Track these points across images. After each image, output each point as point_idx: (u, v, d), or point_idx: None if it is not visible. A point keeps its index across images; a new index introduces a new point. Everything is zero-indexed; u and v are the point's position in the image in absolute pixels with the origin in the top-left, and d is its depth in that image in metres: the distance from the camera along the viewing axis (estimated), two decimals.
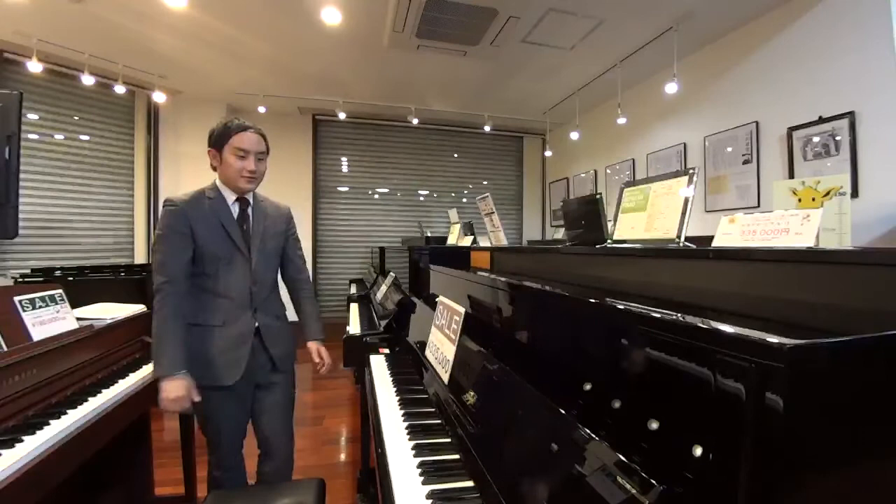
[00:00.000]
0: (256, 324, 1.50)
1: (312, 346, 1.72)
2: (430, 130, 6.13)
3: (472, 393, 1.16)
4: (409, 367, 1.72)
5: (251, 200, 1.56)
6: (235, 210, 1.51)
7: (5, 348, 1.22)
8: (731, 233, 1.06)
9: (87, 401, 1.31)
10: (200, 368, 1.40)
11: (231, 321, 1.46)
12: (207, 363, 1.42)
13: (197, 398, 1.38)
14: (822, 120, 2.84)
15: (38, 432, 1.10)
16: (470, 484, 0.92)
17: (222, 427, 1.48)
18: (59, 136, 4.17)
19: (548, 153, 6.09)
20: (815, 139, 2.89)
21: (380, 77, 4.51)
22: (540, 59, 4.05)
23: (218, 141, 1.46)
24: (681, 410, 0.61)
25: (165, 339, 1.36)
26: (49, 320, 1.41)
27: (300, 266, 1.74)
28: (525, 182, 6.69)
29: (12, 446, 1.02)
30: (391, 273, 2.85)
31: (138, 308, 1.89)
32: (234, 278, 1.48)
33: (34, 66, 3.57)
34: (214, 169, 1.52)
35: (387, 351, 2.04)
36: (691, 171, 1.22)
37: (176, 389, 1.33)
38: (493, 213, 2.60)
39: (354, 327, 2.64)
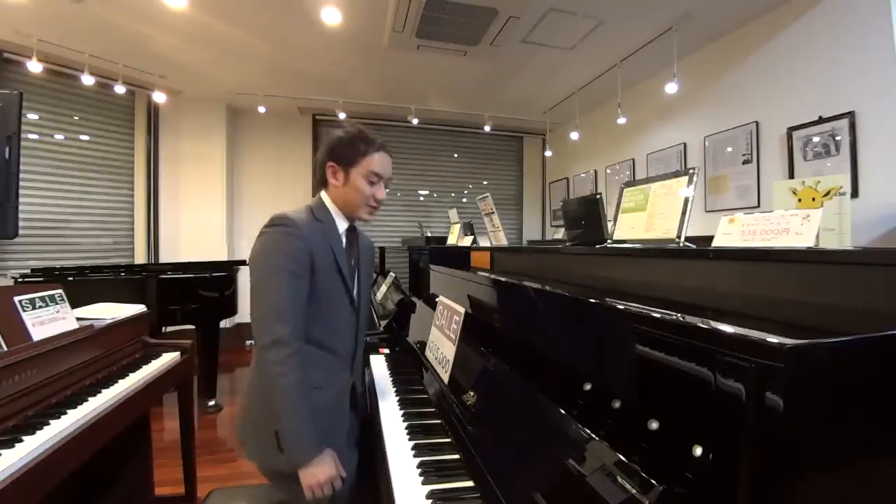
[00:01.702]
0: (352, 387, 1.25)
1: None
2: (430, 130, 6.13)
3: (472, 393, 1.16)
4: (409, 367, 1.72)
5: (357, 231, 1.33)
6: (344, 241, 1.25)
7: (5, 348, 1.22)
8: (731, 233, 1.06)
9: (87, 401, 1.31)
10: None
11: (329, 383, 1.18)
12: None
13: (343, 472, 1.11)
14: (822, 120, 2.84)
15: (38, 432, 1.10)
16: (470, 484, 0.92)
17: None
18: (59, 136, 4.17)
19: (548, 153, 6.09)
20: (815, 139, 2.89)
21: (380, 77, 4.51)
22: (540, 59, 4.05)
23: (347, 157, 1.21)
24: (681, 410, 0.61)
25: (301, 418, 1.04)
26: (49, 320, 1.41)
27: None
28: (525, 182, 6.68)
29: (12, 446, 1.02)
30: (391, 273, 2.85)
31: (138, 308, 1.89)
32: (340, 327, 1.22)
33: (34, 66, 3.56)
34: (322, 184, 1.26)
35: (387, 351, 2.04)
36: (691, 171, 1.22)
37: (325, 469, 1.06)
38: (493, 213, 2.60)
39: None
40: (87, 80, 3.82)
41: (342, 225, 1.26)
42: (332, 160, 1.23)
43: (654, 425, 0.63)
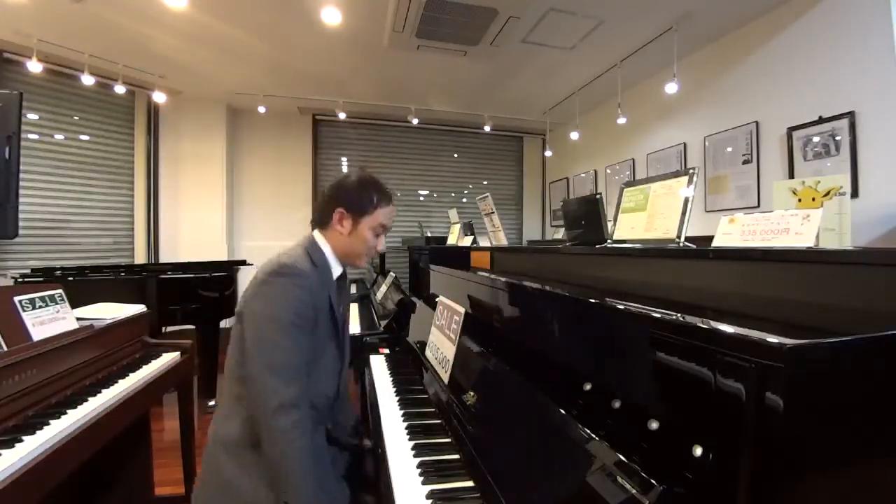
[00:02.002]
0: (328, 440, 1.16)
1: None
2: (430, 130, 6.13)
3: (472, 393, 1.16)
4: (409, 367, 1.72)
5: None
6: (335, 287, 1.20)
7: (5, 348, 1.22)
8: (731, 233, 1.06)
9: (87, 401, 1.31)
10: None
11: (317, 430, 1.09)
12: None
13: None
14: (822, 120, 2.84)
15: (38, 432, 1.10)
16: (470, 484, 0.92)
17: None
18: (59, 136, 4.17)
19: (548, 153, 6.09)
20: (815, 139, 2.89)
21: (380, 77, 4.51)
22: (540, 59, 4.05)
23: (359, 205, 1.17)
24: (681, 410, 0.61)
25: (318, 487, 0.96)
26: (49, 320, 1.41)
27: None
28: (525, 182, 6.68)
29: (12, 446, 1.02)
30: (391, 273, 2.85)
31: (138, 308, 1.89)
32: (326, 375, 1.14)
33: (34, 66, 3.56)
34: (320, 224, 1.19)
35: (387, 351, 2.04)
36: (691, 171, 1.22)
37: None
38: (493, 213, 2.60)
39: (354, 327, 2.64)
40: (87, 80, 3.82)
41: (336, 270, 1.21)
42: (342, 206, 1.17)
43: (654, 425, 0.63)
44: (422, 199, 6.30)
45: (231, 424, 1.04)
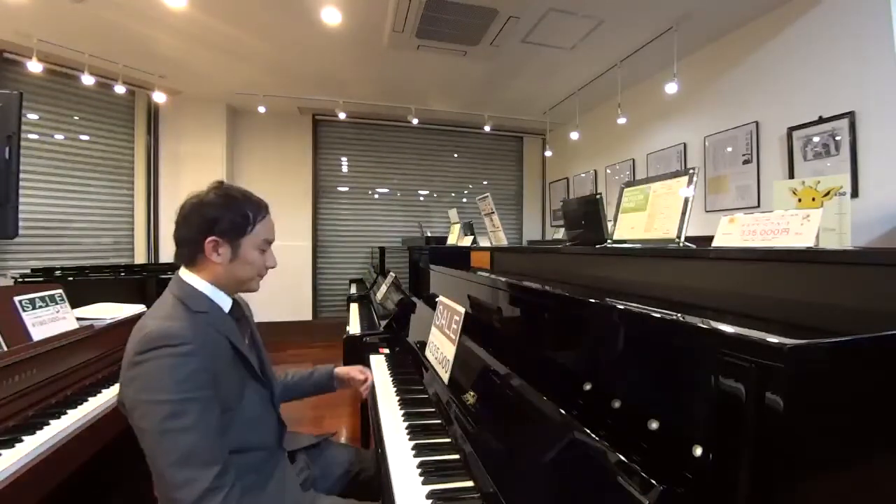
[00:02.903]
0: (293, 464, 1.11)
1: (343, 369, 1.41)
2: (430, 130, 6.13)
3: (472, 393, 1.16)
4: (409, 367, 1.72)
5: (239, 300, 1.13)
6: (230, 324, 1.04)
7: (5, 348, 1.22)
8: (731, 233, 1.06)
9: (87, 401, 1.31)
10: None
11: (266, 478, 1.01)
12: None
13: None
14: (822, 120, 2.84)
15: (38, 432, 1.10)
16: (470, 484, 0.92)
17: None
18: (59, 136, 4.17)
19: (548, 153, 6.09)
20: (815, 139, 2.89)
21: (380, 77, 4.51)
22: (540, 59, 4.05)
23: (234, 228, 1.00)
24: (681, 410, 0.61)
25: None
26: (49, 320, 1.41)
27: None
28: (525, 182, 6.68)
29: (12, 446, 1.02)
30: (391, 273, 2.85)
31: (138, 308, 1.89)
32: (257, 414, 1.04)
33: (34, 66, 3.56)
34: (189, 261, 1.01)
35: (387, 351, 2.04)
36: (691, 171, 1.22)
37: None
38: (493, 213, 2.60)
39: (354, 327, 2.64)
40: (87, 80, 3.82)
41: (226, 304, 1.04)
42: (214, 234, 0.98)
43: (654, 425, 0.63)
44: (422, 199, 6.31)
45: None
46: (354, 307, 3.48)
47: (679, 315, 0.69)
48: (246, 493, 0.91)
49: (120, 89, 4.08)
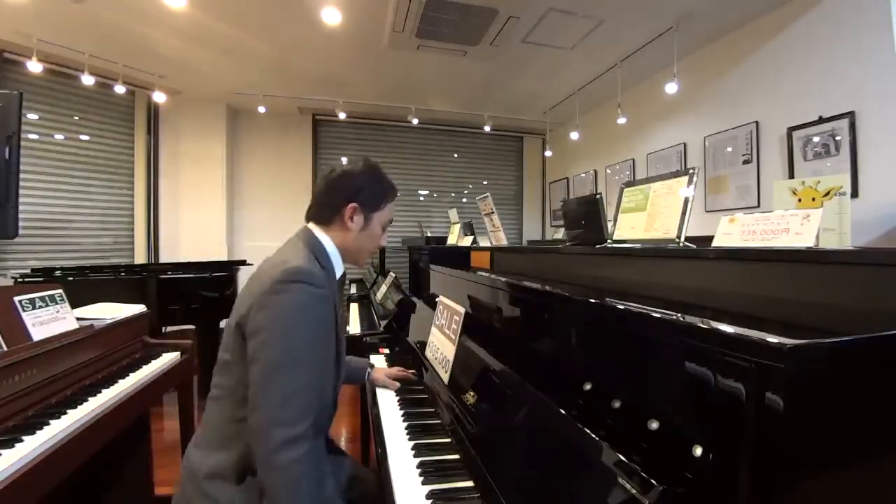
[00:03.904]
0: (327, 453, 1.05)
1: (380, 374, 1.45)
2: (430, 130, 6.13)
3: (472, 393, 1.16)
4: (409, 367, 1.72)
5: None
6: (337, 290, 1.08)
7: (5, 348, 1.22)
8: (731, 233, 1.06)
9: (87, 401, 1.31)
10: None
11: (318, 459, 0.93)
12: None
13: None
14: (822, 120, 2.84)
15: (38, 432, 1.10)
16: (470, 484, 0.92)
17: None
18: (59, 136, 4.17)
19: (548, 153, 6.09)
20: (815, 139, 2.89)
21: (380, 77, 4.51)
22: (540, 59, 4.05)
23: (374, 201, 1.08)
24: (681, 410, 0.61)
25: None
26: (49, 320, 1.41)
27: None
28: (525, 182, 6.68)
29: (12, 446, 1.02)
30: (391, 273, 2.85)
31: (138, 308, 1.89)
32: (326, 392, 1.01)
33: (34, 66, 3.56)
34: (323, 220, 1.06)
35: (387, 351, 2.04)
36: (691, 171, 1.22)
37: None
38: (493, 213, 2.60)
39: (354, 327, 2.64)
40: (87, 80, 3.82)
41: (339, 270, 1.09)
42: (357, 201, 1.05)
43: (654, 425, 0.63)
44: (422, 199, 6.31)
45: (226, 454, 0.91)
46: (354, 307, 3.48)
47: (679, 315, 0.69)
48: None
49: (120, 89, 4.07)
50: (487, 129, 5.55)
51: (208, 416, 0.99)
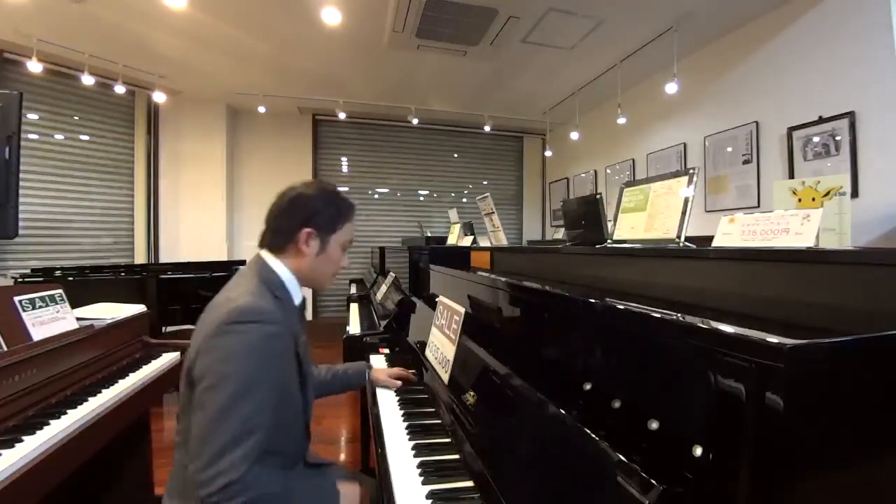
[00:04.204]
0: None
1: (381, 374, 1.46)
2: (430, 130, 6.13)
3: (472, 393, 1.16)
4: (410, 367, 1.72)
5: None
6: (297, 319, 1.06)
7: (5, 348, 1.22)
8: (731, 233, 1.06)
9: (87, 401, 1.31)
10: None
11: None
12: None
13: None
14: (822, 120, 2.84)
15: (38, 432, 1.10)
16: (470, 484, 0.92)
17: None
18: (59, 136, 4.17)
19: (548, 153, 6.09)
20: (815, 139, 2.89)
21: (380, 77, 4.51)
22: (540, 59, 4.05)
23: (330, 223, 1.03)
24: (681, 410, 0.61)
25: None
26: (49, 320, 1.41)
27: None
28: (525, 182, 6.69)
29: (12, 446, 1.02)
30: (391, 273, 2.85)
31: (138, 308, 1.89)
32: (290, 420, 0.99)
33: (34, 66, 3.56)
34: (276, 247, 1.02)
35: (387, 351, 2.04)
36: (691, 171, 1.22)
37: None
38: (493, 213, 2.60)
39: (354, 327, 2.64)
40: (87, 80, 3.82)
41: (297, 297, 1.05)
42: (312, 225, 1.01)
43: (654, 425, 0.63)
44: (422, 199, 6.31)
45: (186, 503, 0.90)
46: (354, 307, 3.48)
47: (679, 315, 0.69)
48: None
49: (120, 89, 4.08)
50: (487, 129, 5.56)
51: (175, 461, 0.97)
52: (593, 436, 0.68)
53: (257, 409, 0.84)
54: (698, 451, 0.55)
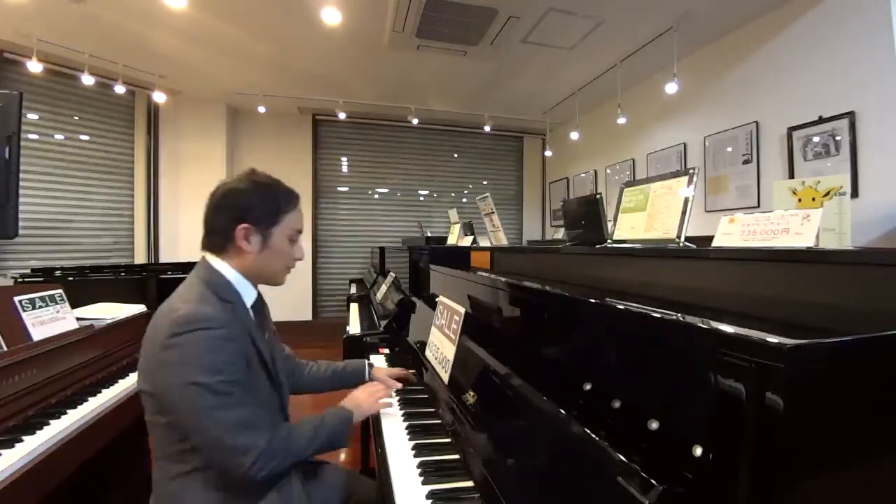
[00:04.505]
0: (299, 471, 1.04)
1: (381, 373, 1.41)
2: (430, 130, 6.13)
3: (472, 393, 1.16)
4: (409, 367, 1.72)
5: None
6: (253, 315, 1.03)
7: (5, 348, 1.22)
8: (731, 233, 1.06)
9: (87, 401, 1.31)
10: None
11: (265, 486, 0.94)
12: None
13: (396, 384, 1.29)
14: (822, 120, 2.84)
15: (38, 432, 1.10)
16: (470, 484, 0.92)
17: None
18: (59, 136, 4.17)
19: (548, 153, 6.09)
20: (815, 139, 2.89)
21: (380, 77, 4.51)
22: (540, 59, 4.05)
23: (267, 216, 0.99)
24: (681, 410, 0.61)
25: (310, 437, 0.98)
26: (49, 320, 1.41)
27: (289, 351, 1.35)
28: (525, 182, 6.68)
29: (12, 446, 1.02)
30: (391, 273, 2.85)
31: (138, 308, 1.89)
32: (262, 420, 0.96)
33: (34, 66, 3.56)
34: (218, 248, 0.99)
35: (387, 351, 2.04)
36: (691, 171, 1.22)
37: (369, 396, 1.16)
38: (493, 213, 2.60)
39: (354, 327, 2.64)
40: (87, 80, 3.82)
41: (250, 297, 1.02)
42: (246, 221, 0.97)
43: (654, 425, 0.63)
44: (422, 199, 6.31)
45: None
46: (354, 307, 3.48)
47: (679, 315, 0.69)
48: (243, 499, 0.92)
49: (120, 89, 4.08)
50: (487, 129, 5.56)
51: (153, 476, 1.01)
52: (593, 436, 0.68)
53: (240, 401, 0.86)
54: (698, 451, 0.55)
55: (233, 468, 0.86)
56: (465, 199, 6.40)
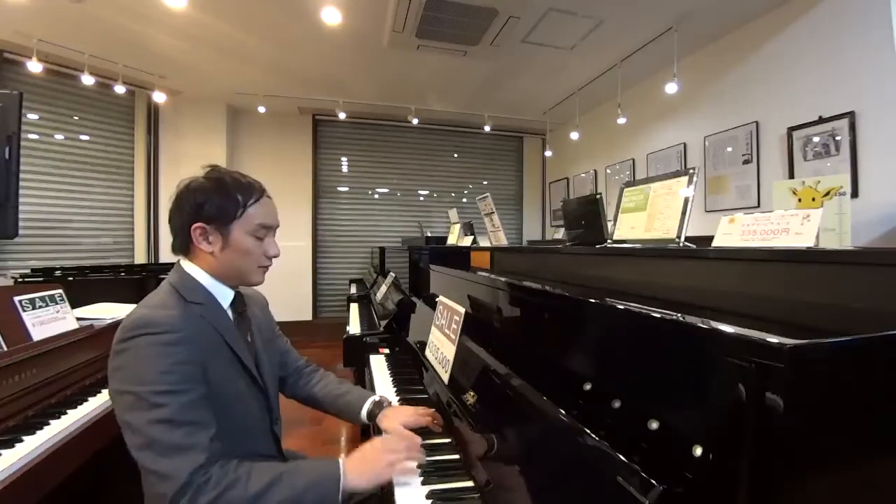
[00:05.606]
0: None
1: (394, 421, 1.11)
2: (430, 130, 6.13)
3: (472, 393, 1.16)
4: (409, 367, 1.72)
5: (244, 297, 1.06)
6: (232, 316, 0.99)
7: (5, 348, 1.22)
8: (731, 233, 1.06)
9: (87, 401, 1.31)
10: None
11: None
12: None
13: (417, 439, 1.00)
14: (822, 120, 2.84)
15: (38, 432, 1.10)
16: (470, 484, 0.92)
17: None
18: (59, 136, 4.17)
19: (548, 153, 6.09)
20: (815, 139, 2.89)
21: (380, 77, 4.51)
22: (540, 59, 4.05)
23: (222, 213, 0.93)
24: (681, 410, 0.61)
25: (286, 491, 0.80)
26: (49, 320, 1.41)
27: (297, 355, 1.29)
28: (525, 182, 6.68)
29: (12, 446, 1.02)
30: (391, 273, 2.85)
31: None
32: (251, 420, 0.97)
33: (34, 66, 3.56)
34: (183, 250, 0.96)
35: (387, 351, 2.04)
36: (691, 171, 1.22)
37: (393, 448, 0.93)
38: (493, 213, 2.60)
39: (354, 327, 2.64)
40: (87, 80, 3.82)
41: (226, 298, 0.98)
42: (202, 220, 0.92)
43: (654, 425, 0.63)
44: (422, 199, 6.30)
45: None
46: (354, 307, 3.48)
47: (679, 315, 0.69)
48: None
49: (120, 89, 4.08)
50: (487, 129, 5.56)
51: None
52: (593, 436, 0.68)
53: (172, 416, 0.78)
54: (698, 451, 0.55)
55: (154, 497, 0.77)
56: (464, 199, 6.40)
